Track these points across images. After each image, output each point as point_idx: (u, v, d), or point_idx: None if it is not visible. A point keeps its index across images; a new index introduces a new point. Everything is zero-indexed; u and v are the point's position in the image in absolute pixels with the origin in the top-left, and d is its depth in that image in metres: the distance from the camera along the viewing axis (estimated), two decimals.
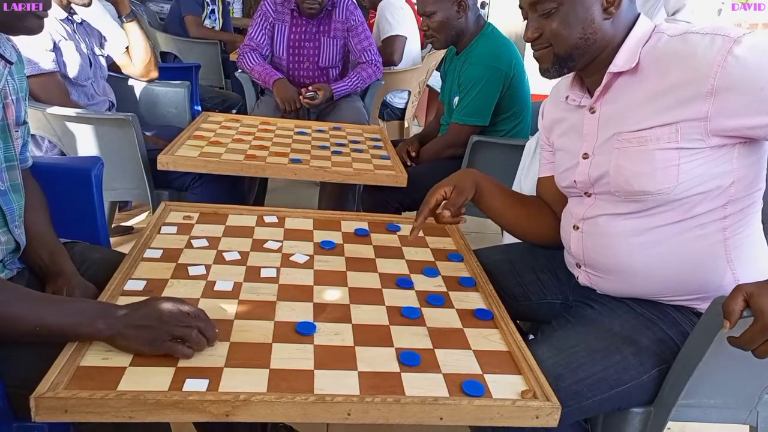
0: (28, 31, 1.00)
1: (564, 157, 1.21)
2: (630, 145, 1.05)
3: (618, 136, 1.07)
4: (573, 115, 1.19)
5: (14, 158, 1.10)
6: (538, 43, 1.10)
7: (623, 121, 1.06)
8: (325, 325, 1.02)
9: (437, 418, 0.85)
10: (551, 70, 1.11)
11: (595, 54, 1.08)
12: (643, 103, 1.04)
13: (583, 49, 1.07)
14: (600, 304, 1.15)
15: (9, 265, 1.13)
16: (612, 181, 1.08)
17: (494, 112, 2.13)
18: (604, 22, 1.05)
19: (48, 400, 0.78)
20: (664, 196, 1.03)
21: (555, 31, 1.06)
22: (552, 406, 0.86)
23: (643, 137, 1.03)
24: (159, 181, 2.01)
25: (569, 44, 1.06)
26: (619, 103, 1.08)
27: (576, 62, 1.09)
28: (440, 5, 2.07)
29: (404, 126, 3.49)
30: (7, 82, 1.08)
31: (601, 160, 1.11)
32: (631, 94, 1.06)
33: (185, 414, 0.81)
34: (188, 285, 1.10)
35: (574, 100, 1.17)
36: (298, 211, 1.49)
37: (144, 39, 2.29)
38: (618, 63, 1.06)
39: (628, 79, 1.07)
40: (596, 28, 1.05)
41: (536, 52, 1.12)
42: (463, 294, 1.17)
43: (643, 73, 1.05)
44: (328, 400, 0.83)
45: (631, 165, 1.05)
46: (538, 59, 1.13)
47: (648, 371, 1.03)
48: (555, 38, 1.07)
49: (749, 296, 0.85)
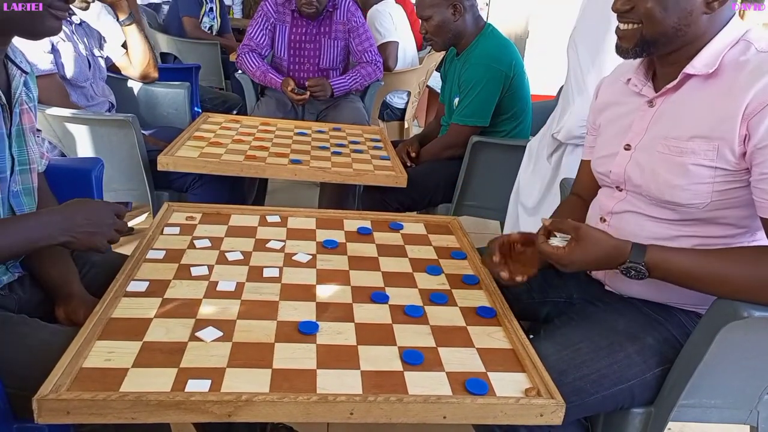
0: (48, 32, 1.01)
1: (606, 142, 1.18)
2: (670, 153, 1.02)
3: (665, 141, 1.03)
4: (629, 100, 1.14)
5: (27, 162, 1.12)
6: (627, 18, 1.02)
7: (676, 126, 1.02)
8: (328, 324, 1.01)
9: (441, 416, 0.85)
10: (631, 51, 1.04)
11: (680, 46, 1.02)
12: (704, 114, 0.99)
13: (671, 38, 1.00)
14: (605, 303, 1.14)
15: (11, 268, 1.13)
16: (645, 184, 1.06)
17: (494, 113, 2.13)
18: (702, 16, 0.99)
19: (51, 401, 0.78)
20: (693, 210, 1.01)
21: (649, 11, 0.99)
22: (556, 404, 0.86)
23: (684, 149, 1.00)
24: (159, 182, 2.01)
25: (660, 30, 1.00)
26: (682, 107, 1.03)
27: (660, 49, 1.03)
28: (436, 9, 2.08)
29: (404, 126, 3.49)
30: (23, 90, 1.11)
31: (641, 157, 1.08)
32: (698, 100, 1.01)
33: (188, 415, 0.81)
34: (191, 285, 1.10)
35: (636, 85, 1.11)
36: (300, 211, 1.49)
37: (143, 41, 2.29)
38: (696, 65, 1.01)
39: (701, 84, 1.02)
40: (692, 21, 0.99)
41: (622, 26, 1.04)
42: (467, 292, 1.17)
43: (718, 82, 1.00)
44: (331, 400, 0.83)
45: (666, 174, 1.02)
46: (621, 36, 1.05)
47: (651, 369, 1.03)
48: (647, 18, 0.99)
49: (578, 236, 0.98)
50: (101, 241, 1.02)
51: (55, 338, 0.95)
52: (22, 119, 1.10)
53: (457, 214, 2.16)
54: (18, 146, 1.09)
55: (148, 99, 2.46)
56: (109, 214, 1.04)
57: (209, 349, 0.92)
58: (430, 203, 2.22)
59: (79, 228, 1.00)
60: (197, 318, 1.00)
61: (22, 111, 1.10)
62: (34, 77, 1.18)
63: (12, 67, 1.09)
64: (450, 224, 1.50)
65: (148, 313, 1.00)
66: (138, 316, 0.99)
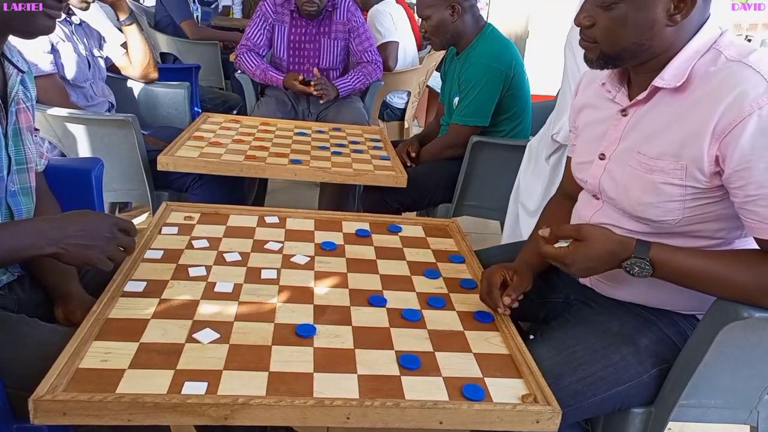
0: (41, 31, 1.01)
1: (582, 148, 1.16)
2: (641, 169, 1.00)
3: (637, 155, 1.01)
4: (604, 105, 1.11)
5: (24, 161, 1.12)
6: (585, 35, 1.01)
7: (647, 141, 1.00)
8: (325, 327, 1.01)
9: (437, 422, 0.84)
10: (596, 63, 1.02)
11: (648, 58, 0.99)
12: (673, 130, 0.96)
13: (635, 53, 0.97)
14: (599, 305, 1.14)
15: (11, 268, 1.13)
16: (618, 198, 1.05)
17: (494, 113, 2.12)
18: (665, 29, 0.95)
19: (46, 402, 0.78)
20: (667, 226, 1.00)
21: (608, 28, 0.96)
22: (552, 411, 0.86)
23: (653, 167, 0.98)
24: (159, 182, 2.01)
25: (620, 46, 0.97)
26: (652, 120, 1.01)
27: (625, 62, 1.01)
28: (434, 10, 2.09)
29: (404, 126, 3.49)
30: (20, 89, 1.11)
31: (615, 169, 1.06)
32: (666, 114, 0.98)
33: (184, 417, 0.81)
34: (188, 286, 1.10)
35: (609, 91, 1.08)
36: (299, 212, 1.49)
37: (143, 41, 2.29)
38: (665, 77, 0.97)
39: (669, 97, 0.99)
40: (655, 34, 0.95)
41: (582, 42, 1.02)
42: (465, 296, 1.17)
43: (686, 95, 0.96)
44: (327, 404, 0.83)
45: (637, 191, 1.00)
46: (584, 48, 1.03)
47: (648, 370, 1.03)
48: (605, 36, 0.97)
49: (581, 236, 0.97)
50: (97, 256, 0.96)
51: (55, 338, 0.95)
52: (19, 118, 1.10)
53: (457, 214, 2.16)
54: (15, 146, 1.09)
55: (148, 99, 2.45)
56: (108, 227, 0.98)
57: (206, 351, 0.92)
58: (430, 203, 2.22)
59: (70, 240, 0.94)
60: (194, 319, 1.00)
61: (18, 110, 1.10)
62: (32, 76, 1.18)
63: (8, 66, 1.08)
64: (448, 227, 1.50)
65: (146, 313, 1.00)
66: (135, 317, 0.99)
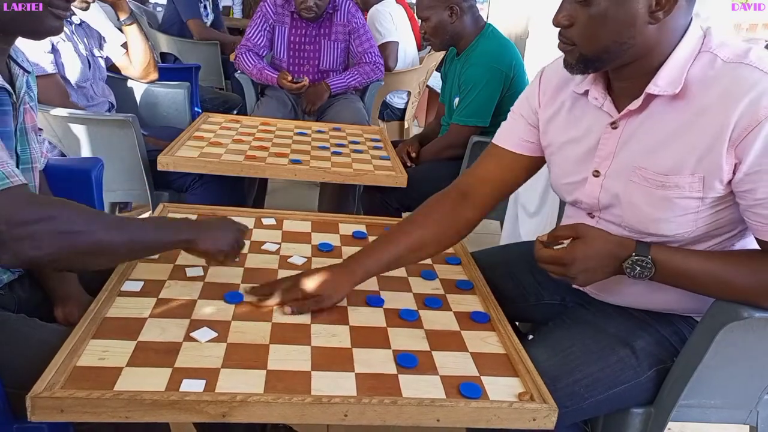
0: (49, 31, 1.02)
1: (568, 167, 1.07)
2: (650, 186, 0.95)
3: (640, 171, 0.96)
4: (588, 114, 1.04)
5: (30, 160, 1.12)
6: (565, 38, 0.95)
7: (650, 155, 0.95)
8: (323, 326, 1.02)
9: (434, 419, 0.85)
10: (575, 67, 0.96)
11: (632, 59, 0.93)
12: (681, 142, 0.91)
13: (617, 53, 0.92)
14: (595, 307, 1.14)
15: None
16: (624, 216, 1.00)
17: (494, 113, 2.13)
18: (647, 27, 0.89)
19: (44, 399, 0.78)
20: (679, 239, 0.97)
21: (587, 26, 0.90)
22: (549, 409, 0.86)
23: (665, 183, 0.93)
24: (159, 182, 2.01)
25: (600, 47, 0.91)
26: (652, 132, 0.95)
27: (607, 65, 0.95)
28: (433, 11, 2.09)
29: (404, 126, 3.49)
30: (26, 89, 1.11)
31: (615, 186, 1.00)
32: (668, 124, 0.93)
33: (182, 414, 0.81)
34: (186, 286, 1.10)
35: (596, 99, 1.01)
36: (296, 214, 1.49)
37: (143, 41, 2.29)
38: (660, 84, 0.92)
39: (667, 106, 0.93)
40: (637, 32, 0.89)
41: (561, 45, 0.97)
42: (461, 297, 1.17)
43: (688, 103, 0.91)
44: (325, 402, 0.83)
45: (648, 208, 0.96)
46: (563, 51, 0.98)
47: (645, 372, 1.03)
48: (585, 36, 0.92)
49: (578, 233, 0.95)
50: (230, 244, 1.05)
51: (55, 338, 0.95)
52: (25, 118, 1.11)
53: None
54: (21, 145, 1.10)
55: (148, 99, 2.46)
56: (235, 227, 1.09)
57: (204, 349, 0.92)
58: None
59: (206, 228, 1.04)
60: (192, 318, 1.00)
61: (24, 110, 1.11)
62: (34, 76, 1.19)
63: (15, 67, 1.09)
64: None
65: (143, 312, 1.00)
66: (132, 316, 0.99)
